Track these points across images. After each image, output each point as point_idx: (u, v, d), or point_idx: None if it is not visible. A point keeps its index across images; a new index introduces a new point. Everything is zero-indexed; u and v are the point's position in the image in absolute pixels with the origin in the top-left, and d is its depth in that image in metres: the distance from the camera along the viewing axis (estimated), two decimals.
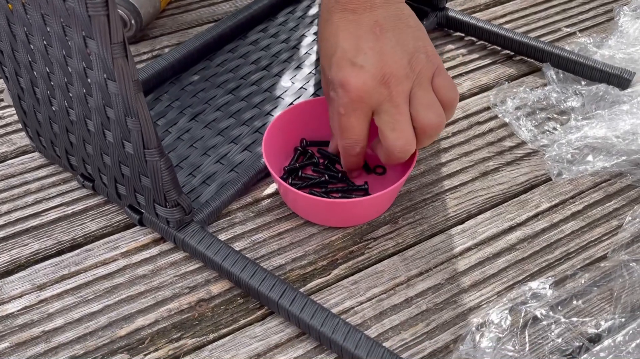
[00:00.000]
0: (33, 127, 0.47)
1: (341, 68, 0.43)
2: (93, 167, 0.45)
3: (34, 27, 0.37)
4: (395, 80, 0.42)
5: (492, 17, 0.70)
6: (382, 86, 0.43)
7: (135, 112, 0.36)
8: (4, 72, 0.44)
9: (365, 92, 0.42)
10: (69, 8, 0.32)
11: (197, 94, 0.57)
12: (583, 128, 0.54)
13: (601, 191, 0.51)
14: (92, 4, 0.30)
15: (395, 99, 0.43)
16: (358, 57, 0.43)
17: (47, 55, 0.38)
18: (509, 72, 0.62)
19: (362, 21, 0.44)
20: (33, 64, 0.40)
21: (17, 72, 0.43)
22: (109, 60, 0.33)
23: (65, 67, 0.37)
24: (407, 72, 0.43)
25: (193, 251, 0.45)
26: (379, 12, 0.44)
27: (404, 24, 0.45)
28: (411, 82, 0.43)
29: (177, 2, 0.71)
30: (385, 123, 0.43)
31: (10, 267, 0.45)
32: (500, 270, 0.45)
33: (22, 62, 0.41)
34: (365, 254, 0.46)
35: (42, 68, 0.39)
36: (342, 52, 0.44)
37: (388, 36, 0.44)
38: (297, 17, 0.67)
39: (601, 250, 0.47)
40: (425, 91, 0.43)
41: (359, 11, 0.44)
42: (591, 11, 0.71)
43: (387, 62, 0.43)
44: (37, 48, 0.38)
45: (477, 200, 0.50)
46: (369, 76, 0.42)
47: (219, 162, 0.51)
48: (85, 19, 0.31)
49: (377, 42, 0.43)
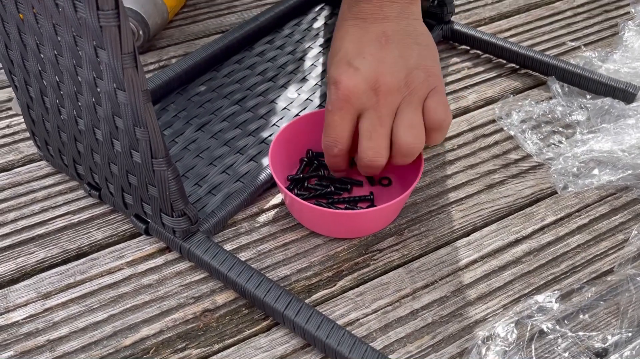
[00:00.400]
0: (41, 135, 0.48)
1: (338, 67, 0.44)
2: (100, 176, 0.45)
3: (44, 36, 0.37)
4: (385, 90, 0.43)
5: (497, 31, 0.70)
6: (372, 92, 0.43)
7: (144, 122, 0.36)
8: (13, 81, 0.45)
9: (353, 93, 0.43)
10: (81, 18, 0.32)
11: (204, 105, 0.58)
12: (589, 141, 0.54)
13: (607, 205, 0.51)
14: (103, 15, 0.31)
15: (381, 109, 0.43)
16: (356, 59, 0.44)
17: (57, 65, 0.38)
18: (514, 85, 0.63)
19: (370, 29, 0.45)
20: (43, 73, 0.40)
21: (26, 81, 0.43)
22: (119, 70, 0.33)
23: (75, 77, 0.38)
24: (400, 86, 0.43)
25: (198, 261, 0.45)
26: (389, 25, 0.45)
27: (413, 40, 0.45)
28: (401, 97, 0.43)
29: (185, 13, 0.72)
30: (365, 129, 0.44)
31: (15, 275, 0.45)
32: (506, 283, 0.45)
33: (32, 71, 0.41)
34: (371, 265, 0.46)
35: (52, 77, 0.40)
36: (344, 53, 0.45)
37: (392, 47, 0.44)
38: (303, 29, 0.67)
39: (607, 264, 0.47)
40: (412, 110, 0.43)
41: (369, 20, 0.45)
42: (596, 25, 0.71)
43: (383, 71, 0.43)
44: (48, 57, 0.38)
45: (482, 212, 0.50)
46: (362, 79, 0.43)
47: (224, 172, 0.51)
48: (96, 29, 0.32)
49: (379, 50, 0.44)
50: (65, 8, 0.33)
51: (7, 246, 0.47)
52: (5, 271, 0.46)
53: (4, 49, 0.42)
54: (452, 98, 0.61)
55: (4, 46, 0.42)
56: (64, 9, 0.33)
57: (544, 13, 0.73)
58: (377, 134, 0.44)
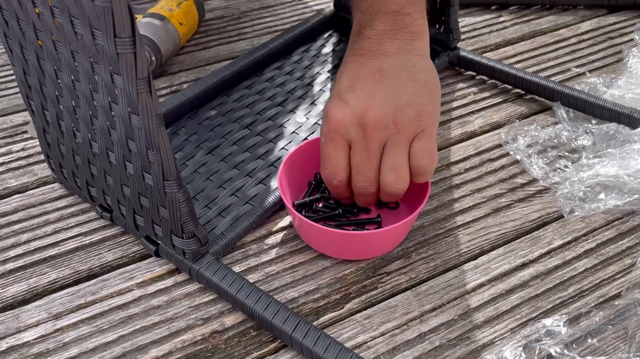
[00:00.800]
0: (56, 158, 0.49)
1: (331, 100, 0.45)
2: (112, 198, 0.46)
3: (63, 63, 0.38)
4: (372, 125, 0.43)
5: (502, 57, 0.71)
6: (359, 127, 0.44)
7: (156, 145, 0.37)
8: (30, 105, 0.46)
9: (342, 125, 0.44)
10: (98, 45, 0.34)
11: (214, 129, 0.59)
12: (594, 166, 0.55)
13: (614, 229, 0.51)
14: (120, 42, 0.32)
15: (368, 144, 0.44)
16: (347, 94, 0.45)
17: (74, 90, 0.39)
18: (520, 110, 0.63)
19: (367, 65, 0.45)
20: (60, 98, 0.42)
21: (43, 105, 0.44)
22: (133, 94, 0.34)
23: (91, 101, 0.39)
24: (387, 122, 0.43)
25: (207, 283, 0.45)
26: (387, 60, 0.45)
27: (410, 76, 0.45)
28: (388, 134, 0.43)
29: (196, 40, 0.74)
30: (354, 163, 0.45)
31: (27, 296, 0.46)
32: (514, 306, 0.45)
33: (49, 96, 0.43)
34: (379, 288, 0.47)
35: (69, 102, 0.41)
36: (338, 87, 0.46)
37: (385, 83, 0.44)
38: (312, 55, 0.69)
39: (615, 288, 0.47)
40: (398, 151, 0.44)
41: (367, 57, 0.46)
42: (600, 52, 0.72)
43: (372, 106, 0.43)
44: (65, 83, 0.40)
45: (489, 236, 0.51)
46: (350, 113, 0.44)
47: (234, 195, 0.52)
48: (113, 55, 0.33)
49: (372, 85, 0.44)
50: (83, 35, 0.34)
51: (19, 267, 0.48)
52: (18, 292, 0.46)
53: (22, 75, 0.43)
54: (459, 123, 0.62)
55: (23, 72, 0.43)
56: (82, 37, 0.34)
57: (549, 40, 0.74)
58: (366, 168, 0.44)
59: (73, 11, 0.33)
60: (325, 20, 0.72)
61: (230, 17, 0.78)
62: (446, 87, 0.66)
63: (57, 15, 0.35)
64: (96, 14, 0.31)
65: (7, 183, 0.55)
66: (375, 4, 0.46)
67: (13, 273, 0.48)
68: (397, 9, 0.45)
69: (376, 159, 0.44)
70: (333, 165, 0.46)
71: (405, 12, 0.46)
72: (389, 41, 0.46)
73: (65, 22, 0.34)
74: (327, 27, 0.73)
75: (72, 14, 0.33)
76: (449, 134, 0.61)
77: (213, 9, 0.79)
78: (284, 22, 0.77)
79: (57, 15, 0.35)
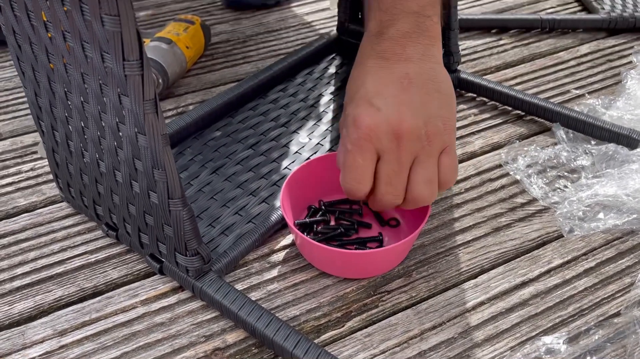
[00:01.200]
0: (64, 178, 0.50)
1: (358, 106, 0.43)
2: (118, 217, 0.47)
3: (73, 85, 0.40)
4: (407, 137, 0.42)
5: (502, 79, 0.73)
6: (393, 136, 0.42)
7: (162, 164, 0.38)
8: (40, 126, 0.47)
9: (375, 133, 0.42)
10: (107, 68, 0.35)
11: (219, 149, 0.60)
12: (593, 186, 0.55)
13: (613, 249, 0.52)
14: (128, 65, 0.33)
15: (401, 154, 0.42)
16: (377, 99, 0.43)
17: (83, 111, 0.41)
18: (520, 131, 0.64)
19: (393, 70, 0.44)
20: (69, 119, 0.43)
21: (53, 126, 0.46)
22: (140, 115, 0.35)
23: (99, 122, 0.40)
24: (420, 134, 0.42)
25: (210, 300, 0.46)
26: (412, 67, 0.44)
27: (435, 87, 0.44)
28: (421, 145, 0.43)
29: (202, 63, 0.75)
30: (384, 174, 0.43)
31: (33, 313, 0.47)
32: (514, 325, 0.46)
33: (58, 117, 0.44)
34: (379, 307, 0.47)
35: (78, 123, 0.42)
36: (364, 91, 0.44)
37: (414, 91, 0.43)
38: (315, 77, 0.70)
39: (615, 307, 0.47)
40: (431, 164, 0.43)
41: (392, 60, 0.44)
42: (599, 74, 0.73)
43: (405, 116, 0.42)
44: (74, 104, 0.41)
45: (489, 255, 0.51)
46: (383, 119, 0.42)
47: (237, 214, 0.53)
48: (121, 78, 0.34)
49: (401, 92, 0.43)
50: (93, 58, 0.35)
51: (26, 284, 0.49)
52: (24, 309, 0.47)
53: (34, 97, 0.45)
54: (460, 143, 0.63)
55: (34, 94, 0.45)
56: (92, 60, 0.36)
57: (548, 62, 0.75)
58: (397, 179, 0.43)
59: (84, 35, 0.34)
60: (328, 43, 0.73)
61: (236, 41, 0.79)
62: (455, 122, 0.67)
63: (69, 39, 0.36)
64: (106, 38, 0.33)
65: (16, 202, 0.56)
66: (397, 3, 0.44)
67: (20, 290, 0.48)
68: (418, 9, 0.44)
69: (407, 171, 0.43)
70: (360, 174, 0.43)
71: (426, 14, 0.44)
72: (412, 45, 0.44)
73: (76, 46, 0.36)
74: (330, 51, 0.74)
75: (83, 38, 0.35)
76: None
77: (219, 32, 0.81)
78: (288, 46, 0.78)
79: (69, 39, 0.36)
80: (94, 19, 0.32)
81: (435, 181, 0.44)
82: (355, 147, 0.43)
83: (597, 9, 0.82)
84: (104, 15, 0.31)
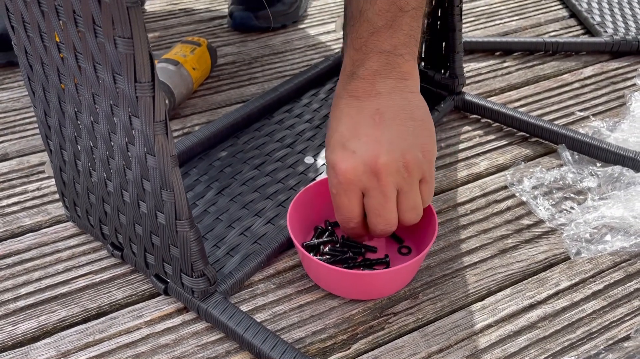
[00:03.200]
0: (70, 197, 0.50)
1: (334, 151, 0.45)
2: (124, 237, 0.47)
3: (83, 105, 0.40)
4: (386, 172, 0.44)
5: (507, 101, 0.73)
6: (372, 175, 0.44)
7: (170, 185, 0.38)
8: (48, 145, 0.48)
9: (354, 176, 0.44)
10: (119, 89, 0.35)
11: (224, 169, 0.60)
12: (600, 208, 0.55)
13: (621, 271, 0.51)
14: (140, 87, 0.33)
15: (384, 189, 0.44)
16: (351, 142, 0.44)
17: (93, 131, 0.41)
18: (525, 152, 0.65)
19: (364, 107, 0.45)
20: (78, 139, 0.43)
21: (61, 145, 0.46)
22: (151, 136, 0.36)
23: (109, 142, 0.40)
24: (398, 167, 0.44)
25: (215, 322, 0.45)
26: (383, 101, 0.45)
27: (408, 115, 0.45)
28: (401, 177, 0.44)
29: (209, 84, 0.76)
30: (372, 207, 0.45)
31: (37, 333, 0.46)
32: (522, 348, 0.45)
33: (67, 137, 0.44)
34: (386, 329, 0.47)
35: (87, 142, 0.42)
36: (339, 135, 0.45)
37: (387, 125, 0.45)
38: (321, 98, 0.71)
39: (624, 331, 0.46)
40: (414, 193, 0.45)
41: (363, 98, 0.46)
42: (603, 97, 0.74)
43: (381, 153, 0.44)
44: (84, 124, 0.41)
45: (496, 277, 0.51)
46: (360, 162, 0.44)
47: (243, 234, 0.53)
48: (132, 99, 0.34)
49: (374, 130, 0.44)
50: (105, 80, 0.36)
51: (30, 305, 0.49)
52: (28, 329, 0.47)
53: (43, 116, 0.45)
54: (465, 165, 0.63)
55: (44, 113, 0.45)
56: (104, 81, 0.36)
57: (553, 84, 0.76)
58: (385, 210, 0.45)
59: (97, 57, 0.35)
60: (333, 65, 0.74)
61: (242, 63, 0.80)
62: (452, 130, 0.68)
63: (81, 61, 0.36)
64: (119, 60, 0.33)
65: (22, 222, 0.56)
66: (369, 43, 0.46)
67: (24, 310, 0.48)
68: (390, 49, 0.46)
69: (394, 201, 0.45)
70: (348, 211, 0.46)
71: (398, 52, 0.46)
72: (381, 81, 0.46)
73: (88, 67, 0.36)
74: (335, 72, 0.75)
75: (95, 59, 0.35)
76: (455, 176, 0.62)
77: (225, 54, 0.82)
78: (293, 68, 0.79)
79: (81, 61, 0.36)
80: (107, 41, 0.33)
81: (419, 205, 0.47)
82: (339, 191, 0.46)
83: (600, 32, 0.83)
84: (117, 37, 0.31)
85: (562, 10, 0.92)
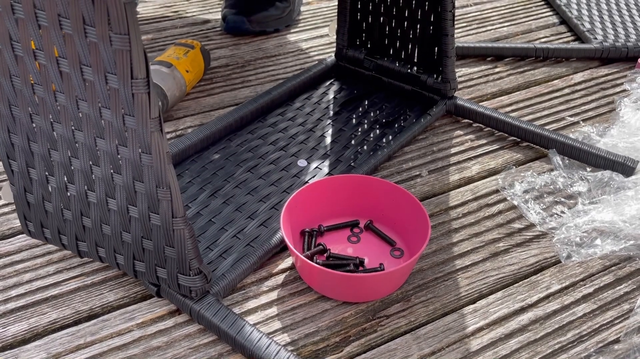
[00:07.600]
0: (37, 219, 0.47)
1: None
2: (108, 249, 0.46)
3: (62, 114, 0.39)
4: None
5: (498, 106, 0.73)
6: None
7: (166, 183, 0.38)
8: (10, 166, 0.45)
9: None
10: (111, 89, 0.35)
11: (217, 171, 0.60)
12: (590, 212, 0.56)
13: (611, 275, 0.52)
14: (135, 84, 0.33)
15: None
16: None
17: (73, 140, 0.40)
18: (516, 157, 0.65)
19: None
20: (52, 152, 0.42)
21: (28, 164, 0.44)
22: (146, 134, 0.36)
23: (94, 149, 0.39)
24: None
25: (208, 324, 0.45)
26: None
27: None
28: None
29: (202, 87, 0.76)
30: None
31: (27, 336, 0.46)
32: (513, 350, 0.45)
33: (37, 153, 0.42)
34: (378, 331, 0.47)
35: (64, 155, 0.41)
36: None
37: None
38: (314, 102, 0.71)
39: (614, 334, 0.47)
40: None
41: None
42: (593, 102, 0.74)
43: None
44: (61, 135, 0.40)
45: (488, 280, 0.51)
46: None
47: (235, 236, 0.53)
48: (128, 97, 0.34)
49: None
50: (95, 82, 0.36)
51: (20, 307, 0.48)
52: (18, 331, 0.46)
53: (6, 135, 0.43)
54: (456, 169, 0.63)
55: (7, 131, 0.43)
56: (92, 83, 0.36)
57: (543, 90, 0.77)
58: None
59: (84, 59, 0.35)
60: (326, 69, 0.74)
61: (235, 66, 0.80)
62: (444, 134, 0.68)
63: (63, 66, 0.36)
64: (113, 59, 0.33)
65: (12, 224, 0.55)
66: None
67: (14, 312, 0.48)
68: None
69: None
70: None
71: None
72: None
73: (72, 72, 0.36)
74: (328, 76, 0.75)
75: (82, 62, 0.35)
76: (447, 179, 0.62)
77: (219, 57, 0.82)
78: (286, 71, 0.79)
79: (63, 66, 0.36)
80: (101, 40, 0.33)
81: None
82: None
83: (590, 39, 0.84)
84: (114, 34, 0.31)
85: (552, 17, 0.93)
